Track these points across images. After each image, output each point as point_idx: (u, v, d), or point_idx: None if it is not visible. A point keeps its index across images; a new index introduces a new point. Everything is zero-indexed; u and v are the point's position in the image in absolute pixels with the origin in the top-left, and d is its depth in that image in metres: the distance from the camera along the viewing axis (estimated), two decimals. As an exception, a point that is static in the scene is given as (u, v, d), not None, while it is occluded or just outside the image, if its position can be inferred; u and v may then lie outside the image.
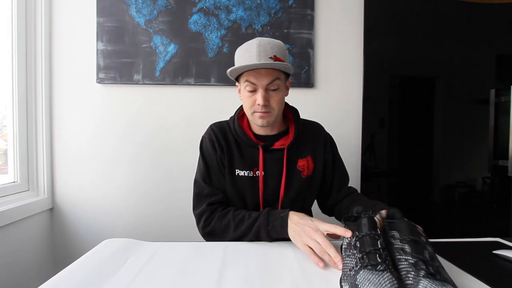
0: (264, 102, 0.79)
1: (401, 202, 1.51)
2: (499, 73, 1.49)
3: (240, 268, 0.59)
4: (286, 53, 0.82)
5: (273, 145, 0.87)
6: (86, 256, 0.65)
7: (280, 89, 0.81)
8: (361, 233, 0.53)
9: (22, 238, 1.21)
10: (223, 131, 0.90)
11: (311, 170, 0.90)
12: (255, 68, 0.78)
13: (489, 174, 1.51)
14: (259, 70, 0.79)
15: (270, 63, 0.76)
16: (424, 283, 0.43)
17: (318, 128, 0.97)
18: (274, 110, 0.82)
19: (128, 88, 1.41)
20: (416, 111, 1.53)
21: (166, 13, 1.39)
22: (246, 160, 0.87)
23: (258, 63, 0.76)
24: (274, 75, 0.79)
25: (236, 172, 0.87)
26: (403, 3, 1.46)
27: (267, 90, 0.80)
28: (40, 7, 1.32)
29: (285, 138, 0.89)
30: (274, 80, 0.79)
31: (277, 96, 0.81)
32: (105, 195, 1.41)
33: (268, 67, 0.78)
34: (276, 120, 0.86)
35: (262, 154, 0.86)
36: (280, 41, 0.82)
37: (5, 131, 1.26)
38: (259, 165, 0.86)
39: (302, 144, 0.90)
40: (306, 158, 0.89)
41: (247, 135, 0.87)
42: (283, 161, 0.86)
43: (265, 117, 0.82)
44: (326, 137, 0.95)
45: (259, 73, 0.79)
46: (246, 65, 0.76)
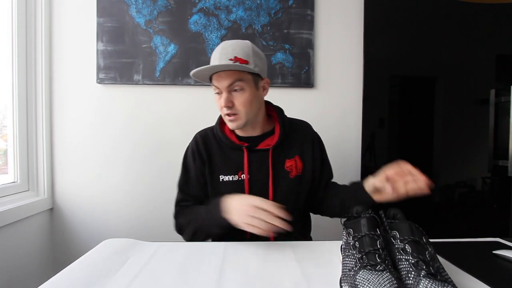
0: (226, 104, 0.79)
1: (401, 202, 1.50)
2: (499, 73, 1.49)
3: (240, 268, 0.59)
4: (251, 53, 0.80)
5: (257, 146, 0.86)
6: (86, 256, 0.65)
7: (245, 90, 0.80)
8: (360, 233, 0.53)
9: (22, 238, 1.21)
10: (206, 139, 0.90)
11: (300, 170, 0.88)
12: (216, 71, 0.79)
13: (489, 174, 1.51)
14: (219, 73, 0.79)
15: (219, 65, 0.76)
16: (425, 283, 0.43)
17: (306, 126, 0.96)
18: (241, 112, 0.80)
19: (128, 88, 1.41)
20: (416, 111, 1.53)
21: (166, 13, 1.39)
22: (230, 164, 0.86)
23: (209, 66, 0.76)
24: (235, 76, 0.78)
25: (220, 178, 0.86)
26: (403, 3, 1.46)
27: (230, 92, 0.80)
28: (40, 7, 1.32)
29: (271, 139, 0.88)
30: (235, 81, 0.78)
31: (241, 97, 0.80)
32: (105, 195, 1.41)
33: (220, 69, 0.78)
34: (249, 122, 0.84)
35: (247, 155, 0.85)
36: (248, 42, 0.82)
37: (5, 131, 1.26)
38: (244, 167, 0.84)
39: (289, 144, 0.89)
40: (294, 158, 0.88)
41: (229, 138, 0.87)
42: (269, 162, 0.85)
43: (233, 120, 0.81)
44: (313, 136, 0.94)
45: (220, 76, 0.79)
46: (197, 70, 0.77)
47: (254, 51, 0.81)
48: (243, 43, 0.81)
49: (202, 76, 0.82)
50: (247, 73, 0.80)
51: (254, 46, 0.83)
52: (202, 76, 0.82)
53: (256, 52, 0.82)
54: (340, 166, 1.47)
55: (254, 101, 0.82)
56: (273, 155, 0.86)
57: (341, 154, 1.47)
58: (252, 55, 0.80)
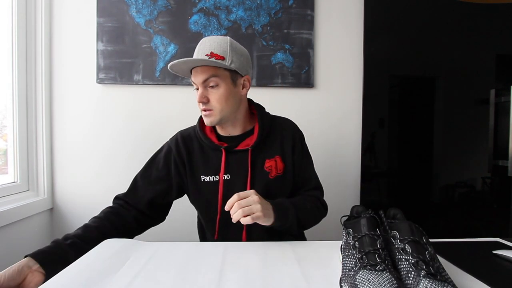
0: (200, 99, 0.79)
1: (401, 202, 1.51)
2: (499, 73, 1.49)
3: (240, 268, 0.59)
4: (228, 49, 0.79)
5: (237, 146, 0.85)
6: (86, 256, 0.65)
7: (220, 86, 0.79)
8: (360, 233, 0.53)
9: (22, 238, 1.21)
10: (187, 139, 0.89)
11: (281, 170, 0.86)
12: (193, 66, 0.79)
13: (489, 174, 1.51)
14: (196, 68, 0.79)
15: (191, 60, 0.76)
16: (425, 283, 0.43)
17: (288, 125, 0.92)
18: (216, 108, 0.80)
19: (128, 88, 1.41)
20: (416, 111, 1.53)
21: (166, 13, 1.39)
22: (210, 164, 0.85)
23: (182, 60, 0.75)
24: (210, 72, 0.78)
25: (202, 178, 0.85)
26: (403, 3, 1.46)
27: (206, 88, 0.79)
28: (40, 7, 1.32)
29: (251, 138, 0.86)
30: (210, 77, 0.78)
31: (216, 93, 0.79)
32: (105, 195, 1.41)
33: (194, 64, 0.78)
34: (224, 119, 0.82)
35: (225, 156, 0.84)
36: (227, 38, 0.81)
37: (5, 131, 1.26)
38: (221, 168, 0.84)
39: (269, 143, 0.87)
40: (274, 158, 0.86)
41: (208, 138, 0.86)
42: (247, 162, 0.83)
43: (207, 115, 0.81)
44: (294, 136, 0.90)
45: (196, 71, 0.79)
46: (173, 63, 0.76)
47: (232, 47, 0.80)
48: (221, 39, 0.80)
49: (181, 70, 0.82)
50: (223, 69, 0.79)
51: (233, 42, 0.82)
52: (181, 71, 0.82)
53: (235, 48, 0.81)
54: (340, 166, 1.48)
55: (231, 98, 0.81)
56: (252, 155, 0.84)
57: (341, 154, 1.47)
58: (229, 51, 0.79)
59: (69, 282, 0.53)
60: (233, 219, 0.67)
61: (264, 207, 0.69)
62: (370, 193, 1.47)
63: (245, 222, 0.67)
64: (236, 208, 0.67)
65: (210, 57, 0.77)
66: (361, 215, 0.58)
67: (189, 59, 0.76)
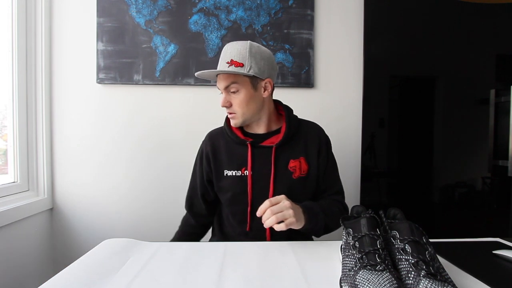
0: (223, 104, 0.85)
1: (401, 202, 1.51)
2: (499, 73, 1.49)
3: (240, 268, 0.59)
4: (247, 55, 0.81)
5: (262, 142, 0.88)
6: (86, 256, 0.65)
7: (240, 92, 0.83)
8: (360, 233, 0.53)
9: (22, 238, 1.21)
10: (214, 137, 0.95)
11: (305, 171, 0.88)
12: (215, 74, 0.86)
13: (489, 174, 1.51)
14: (219, 75, 0.85)
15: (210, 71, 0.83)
16: (425, 283, 0.43)
17: (316, 129, 0.95)
18: (238, 112, 0.85)
19: (128, 88, 1.41)
20: (416, 111, 1.54)
21: (166, 13, 1.39)
22: (234, 159, 0.88)
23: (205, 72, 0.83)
24: (230, 79, 0.83)
25: (225, 173, 0.89)
26: (403, 3, 1.46)
27: (228, 93, 0.85)
28: (40, 7, 1.32)
29: (276, 137, 0.89)
30: (230, 84, 0.83)
31: (237, 98, 0.84)
32: (105, 195, 1.41)
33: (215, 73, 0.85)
34: (247, 121, 0.87)
35: (251, 151, 0.86)
36: (247, 43, 0.83)
37: (5, 131, 1.26)
38: (248, 163, 0.86)
39: (294, 144, 0.89)
40: (299, 159, 0.88)
41: (234, 133, 0.89)
42: (271, 160, 0.85)
43: (231, 118, 0.87)
44: (321, 140, 0.92)
45: (219, 78, 0.86)
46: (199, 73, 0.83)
47: (251, 52, 0.82)
48: (241, 44, 0.83)
49: (208, 76, 0.87)
50: (243, 76, 0.82)
51: (254, 46, 0.83)
52: (209, 76, 0.88)
53: (255, 53, 0.82)
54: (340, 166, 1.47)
55: (251, 101, 0.85)
56: (276, 153, 0.86)
57: (341, 154, 1.46)
58: (248, 57, 0.81)
59: (69, 282, 0.53)
60: (266, 225, 0.67)
61: (296, 212, 0.70)
62: (370, 193, 1.47)
63: (278, 229, 0.67)
64: (269, 214, 0.67)
65: (230, 64, 0.81)
66: (361, 215, 0.58)
67: (211, 70, 0.83)
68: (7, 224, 1.11)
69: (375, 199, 1.49)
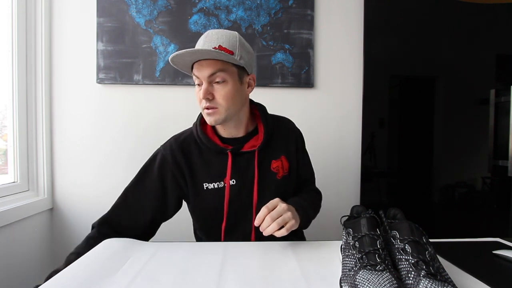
0: (205, 95, 0.72)
1: (401, 202, 1.51)
2: (499, 73, 1.49)
3: (240, 268, 0.59)
4: (237, 44, 0.74)
5: (242, 148, 0.80)
6: (86, 256, 0.65)
7: (227, 82, 0.73)
8: (360, 233, 0.53)
9: (22, 238, 1.21)
10: (184, 145, 0.82)
11: (287, 170, 0.84)
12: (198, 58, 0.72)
13: (489, 174, 1.51)
14: (201, 62, 0.72)
15: (201, 50, 0.69)
16: (425, 283, 0.43)
17: (288, 124, 0.91)
18: (222, 105, 0.73)
19: (128, 88, 1.41)
20: (416, 111, 1.54)
21: (166, 13, 1.39)
22: (214, 170, 0.79)
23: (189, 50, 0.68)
24: (217, 66, 0.72)
25: (204, 186, 0.80)
26: (403, 3, 1.46)
27: (211, 83, 0.73)
28: (40, 7, 1.32)
29: (255, 139, 0.82)
30: (217, 71, 0.72)
31: (223, 89, 0.73)
32: (105, 195, 1.41)
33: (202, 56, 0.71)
34: (228, 118, 0.77)
35: (231, 160, 0.78)
36: (235, 33, 0.76)
37: (5, 131, 1.26)
38: (227, 173, 0.78)
39: (273, 144, 0.84)
40: (280, 158, 0.84)
41: (212, 140, 0.80)
42: (254, 164, 0.79)
43: (211, 113, 0.74)
44: (296, 134, 0.89)
45: (201, 64, 0.73)
46: (176, 53, 0.69)
47: (241, 42, 0.75)
48: (230, 33, 0.75)
49: (182, 63, 0.74)
50: (231, 65, 0.74)
51: (241, 38, 0.77)
52: (183, 63, 0.75)
53: (243, 44, 0.76)
54: (340, 166, 1.48)
55: (237, 96, 0.76)
56: (258, 157, 0.80)
57: (341, 154, 1.47)
58: (238, 46, 0.74)
59: (69, 282, 0.53)
60: (266, 233, 0.65)
61: (293, 214, 0.69)
62: (370, 193, 1.47)
63: (280, 235, 0.65)
64: (269, 221, 0.65)
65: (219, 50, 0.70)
66: (361, 215, 0.58)
67: (197, 49, 0.70)
68: (7, 224, 1.11)
69: (375, 199, 1.49)
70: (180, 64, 0.75)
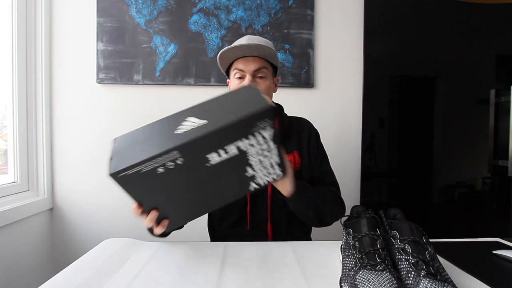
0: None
1: (401, 202, 1.51)
2: (499, 73, 1.49)
3: (240, 268, 0.59)
4: (274, 51, 0.84)
5: None
6: (86, 256, 0.65)
7: (267, 79, 0.83)
8: (360, 233, 0.53)
9: (22, 238, 1.21)
10: None
11: (298, 164, 0.88)
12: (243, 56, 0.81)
13: (489, 174, 1.51)
14: (247, 58, 0.81)
15: (258, 44, 0.79)
16: (425, 283, 0.43)
17: (304, 122, 0.96)
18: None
19: (128, 88, 1.41)
20: (416, 111, 1.53)
21: (166, 13, 1.39)
22: None
23: (247, 43, 0.78)
24: (262, 63, 0.82)
25: None
26: (403, 3, 1.46)
27: (254, 78, 0.82)
28: (40, 7, 1.32)
29: None
30: (261, 68, 0.82)
31: (263, 84, 0.82)
32: (105, 195, 1.41)
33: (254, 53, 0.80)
34: None
35: None
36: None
37: (5, 131, 1.26)
38: None
39: (287, 138, 0.89)
40: (292, 153, 0.88)
41: None
42: None
43: None
44: (310, 131, 0.93)
45: (247, 60, 0.81)
46: (235, 46, 0.78)
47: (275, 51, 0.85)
48: (269, 41, 0.86)
49: (228, 57, 0.83)
50: (269, 64, 0.84)
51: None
52: (228, 57, 0.83)
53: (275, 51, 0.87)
54: (340, 166, 1.48)
55: (270, 92, 0.86)
56: None
57: (341, 154, 1.47)
58: (275, 53, 0.84)
59: (69, 282, 0.53)
60: None
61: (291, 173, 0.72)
62: (370, 193, 1.47)
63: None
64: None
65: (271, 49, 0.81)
66: (361, 215, 0.58)
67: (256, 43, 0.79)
68: (7, 224, 1.11)
69: (375, 199, 1.49)
70: (226, 57, 0.83)
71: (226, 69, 0.88)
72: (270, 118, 0.54)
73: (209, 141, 0.51)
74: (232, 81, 0.86)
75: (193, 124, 0.54)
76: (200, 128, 0.51)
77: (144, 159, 0.49)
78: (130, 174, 0.50)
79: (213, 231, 0.97)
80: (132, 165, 0.49)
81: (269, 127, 0.54)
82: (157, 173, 0.51)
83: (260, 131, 0.54)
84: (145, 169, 0.50)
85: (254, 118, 0.52)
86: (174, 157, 0.50)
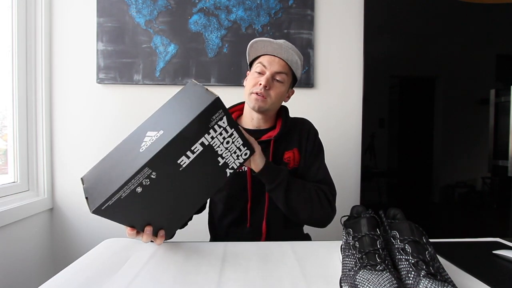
0: (266, 84, 0.82)
1: (401, 202, 1.51)
2: (499, 73, 1.49)
3: (240, 268, 0.59)
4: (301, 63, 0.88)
5: (260, 138, 0.88)
6: (86, 256, 0.65)
7: (284, 84, 0.85)
8: (360, 233, 0.53)
9: (22, 238, 1.21)
10: None
11: (297, 161, 0.89)
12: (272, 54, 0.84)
13: (489, 174, 1.51)
14: (274, 57, 0.84)
15: (289, 49, 0.82)
16: (425, 283, 0.43)
17: (305, 122, 0.97)
18: (271, 98, 0.84)
19: (128, 88, 1.41)
20: (416, 111, 1.53)
21: (166, 13, 1.39)
22: None
23: (280, 42, 0.82)
24: (285, 68, 0.85)
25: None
26: (403, 3, 1.46)
27: (272, 79, 0.84)
28: (40, 7, 1.32)
29: (273, 131, 0.91)
30: (283, 72, 0.84)
31: (279, 88, 0.84)
32: (105, 195, 1.41)
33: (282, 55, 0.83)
34: (269, 111, 0.88)
35: None
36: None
37: (5, 131, 1.26)
38: None
39: (289, 137, 0.91)
40: (292, 150, 0.89)
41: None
42: (269, 153, 0.86)
43: (259, 100, 0.83)
44: (310, 130, 0.94)
45: (273, 59, 0.84)
46: (269, 40, 0.82)
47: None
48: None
49: (258, 48, 0.85)
50: (291, 73, 0.87)
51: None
52: (257, 49, 0.86)
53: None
54: (340, 166, 1.48)
55: (282, 98, 0.88)
56: (274, 146, 0.87)
57: (341, 154, 1.47)
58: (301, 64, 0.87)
59: (69, 282, 0.53)
60: None
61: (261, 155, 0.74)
62: (370, 193, 1.47)
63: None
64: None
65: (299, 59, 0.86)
66: (361, 215, 0.58)
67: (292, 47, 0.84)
68: (7, 224, 1.11)
69: (375, 199, 1.49)
70: (257, 49, 0.86)
71: (251, 60, 0.90)
72: (221, 107, 0.56)
73: (173, 149, 0.54)
74: (251, 74, 0.88)
75: (151, 138, 0.56)
76: (160, 139, 0.54)
77: (121, 185, 0.51)
78: (113, 203, 0.52)
79: (214, 229, 0.97)
80: (112, 194, 0.51)
81: (223, 116, 0.57)
82: (137, 193, 0.53)
83: (218, 122, 0.57)
84: (124, 194, 0.52)
85: (207, 113, 0.55)
86: (147, 173, 0.53)
